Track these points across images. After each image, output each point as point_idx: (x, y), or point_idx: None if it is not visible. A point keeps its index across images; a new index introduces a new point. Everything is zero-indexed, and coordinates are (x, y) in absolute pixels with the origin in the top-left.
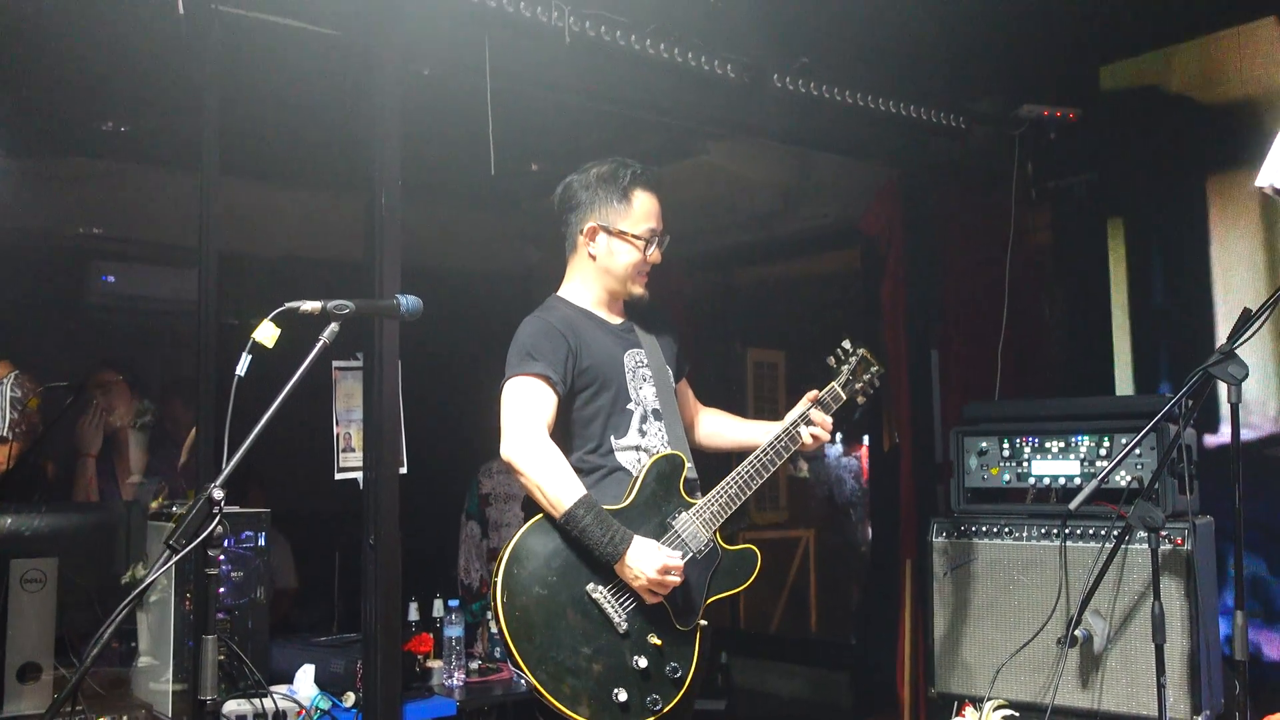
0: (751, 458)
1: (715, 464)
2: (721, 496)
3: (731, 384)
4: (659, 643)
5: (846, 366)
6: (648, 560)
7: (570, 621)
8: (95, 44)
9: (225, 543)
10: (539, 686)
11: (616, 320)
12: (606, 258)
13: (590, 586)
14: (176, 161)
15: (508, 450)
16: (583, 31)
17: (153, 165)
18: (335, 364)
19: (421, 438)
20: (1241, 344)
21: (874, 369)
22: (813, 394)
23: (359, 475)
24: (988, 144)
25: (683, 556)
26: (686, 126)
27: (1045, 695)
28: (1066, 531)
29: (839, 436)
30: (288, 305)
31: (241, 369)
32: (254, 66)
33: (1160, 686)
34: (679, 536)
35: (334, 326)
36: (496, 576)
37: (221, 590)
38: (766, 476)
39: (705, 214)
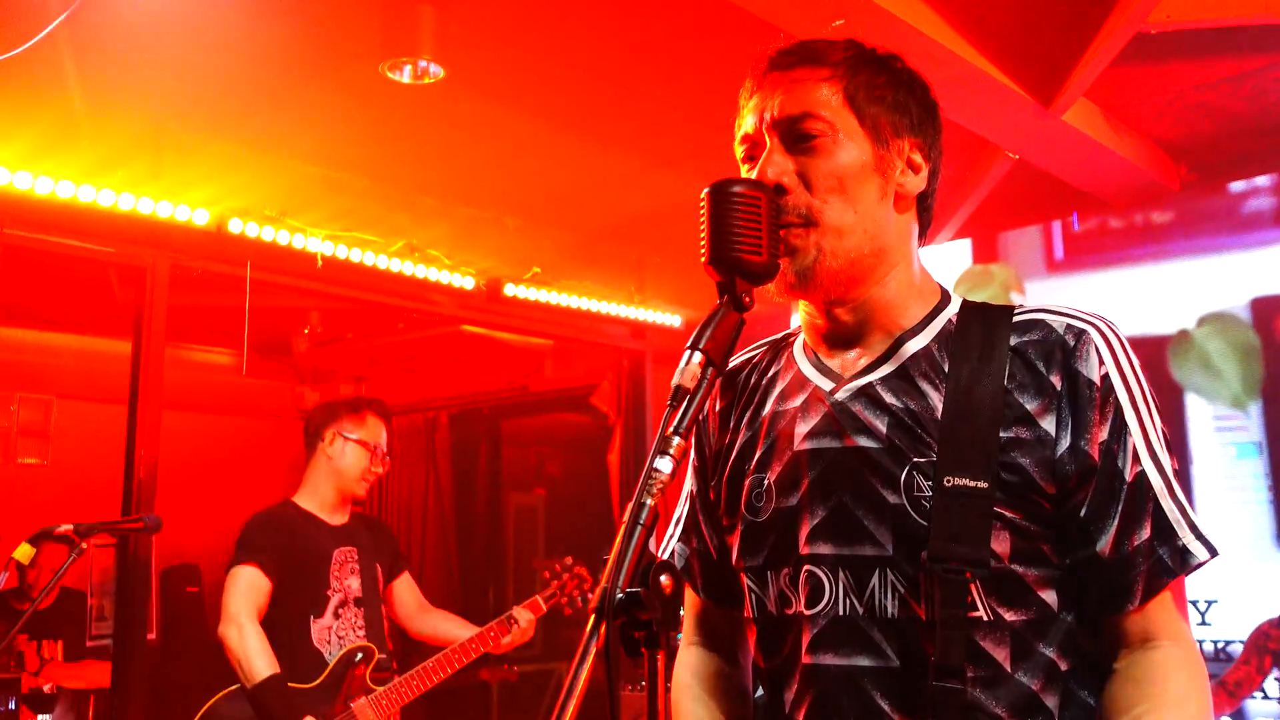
0: (441, 655)
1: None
2: (402, 688)
3: (494, 524)
4: None
5: (557, 581)
6: None
7: None
8: None
9: None
10: None
11: (337, 522)
12: (340, 459)
13: None
14: None
15: (221, 631)
16: (334, 255)
17: None
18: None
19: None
20: None
21: (584, 584)
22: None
23: (109, 641)
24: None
25: None
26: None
27: None
28: None
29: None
30: (44, 529)
31: None
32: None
33: None
34: (354, 718)
35: (83, 545)
36: None
37: None
38: (450, 674)
39: (470, 371)
